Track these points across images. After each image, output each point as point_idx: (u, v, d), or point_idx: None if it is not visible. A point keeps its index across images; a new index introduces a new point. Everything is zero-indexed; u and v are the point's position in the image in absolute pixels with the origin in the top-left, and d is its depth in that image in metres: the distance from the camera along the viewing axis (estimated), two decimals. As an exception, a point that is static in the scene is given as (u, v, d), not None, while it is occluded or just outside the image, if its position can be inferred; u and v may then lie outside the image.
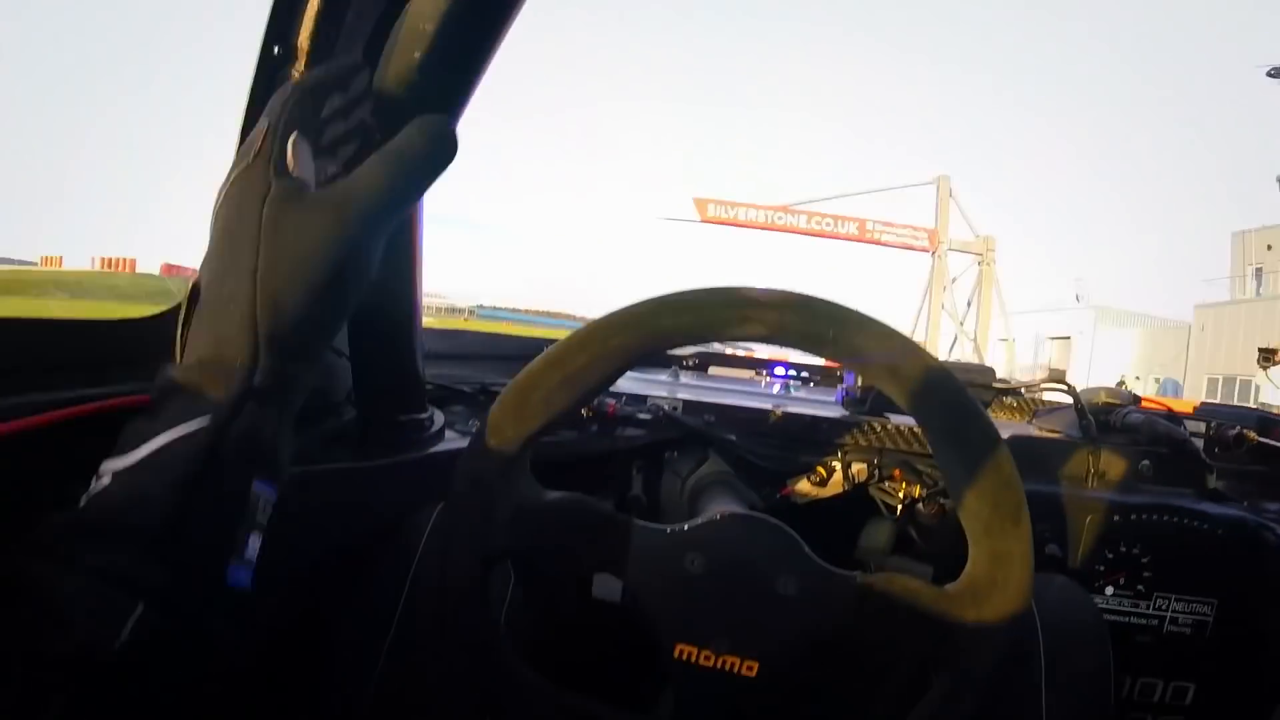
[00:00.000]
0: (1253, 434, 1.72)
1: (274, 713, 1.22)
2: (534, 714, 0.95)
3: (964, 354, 25.97)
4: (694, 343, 0.92)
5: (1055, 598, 1.25)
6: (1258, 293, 27.66)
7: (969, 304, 27.00)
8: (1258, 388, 23.32)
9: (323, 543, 1.25)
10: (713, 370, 2.23)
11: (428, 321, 1.46)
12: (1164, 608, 1.49)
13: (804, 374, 2.14)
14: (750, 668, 0.90)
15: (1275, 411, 1.89)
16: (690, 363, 2.21)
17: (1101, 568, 1.48)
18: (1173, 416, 1.70)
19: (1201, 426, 1.77)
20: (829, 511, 1.56)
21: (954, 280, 27.03)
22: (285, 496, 1.13)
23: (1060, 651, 1.16)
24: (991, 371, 1.79)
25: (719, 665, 0.90)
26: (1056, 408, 1.85)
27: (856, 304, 0.88)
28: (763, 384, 2.13)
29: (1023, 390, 1.86)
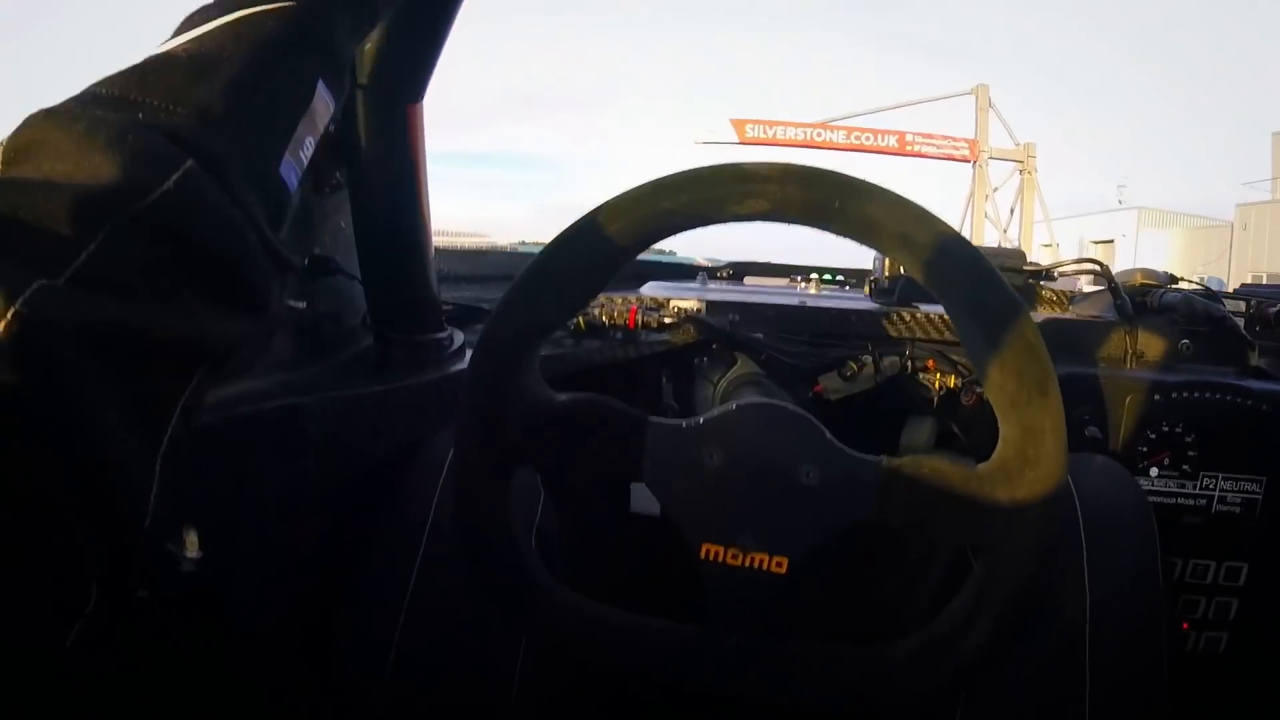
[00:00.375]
0: (1295, 312, 1.67)
1: (305, 639, 1.23)
2: (562, 625, 0.95)
3: (1009, 262, 25.96)
4: (696, 223, 0.88)
5: (1094, 478, 1.23)
6: None
7: (1011, 211, 26.54)
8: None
9: (347, 467, 1.25)
10: (748, 280, 2.21)
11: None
12: (1211, 487, 1.47)
13: (839, 278, 2.12)
14: (780, 564, 0.88)
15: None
16: (724, 274, 2.20)
17: (1144, 449, 1.46)
18: (1211, 295, 1.66)
19: (1241, 305, 1.73)
20: (865, 409, 1.54)
21: (995, 190, 26.46)
22: (307, 424, 1.14)
23: (1102, 531, 1.13)
24: (1022, 254, 1.76)
25: (747, 564, 0.88)
26: (1092, 294, 1.82)
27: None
28: (797, 289, 2.10)
29: (1055, 273, 1.82)
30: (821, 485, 0.88)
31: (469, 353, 1.45)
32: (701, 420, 0.91)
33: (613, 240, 0.88)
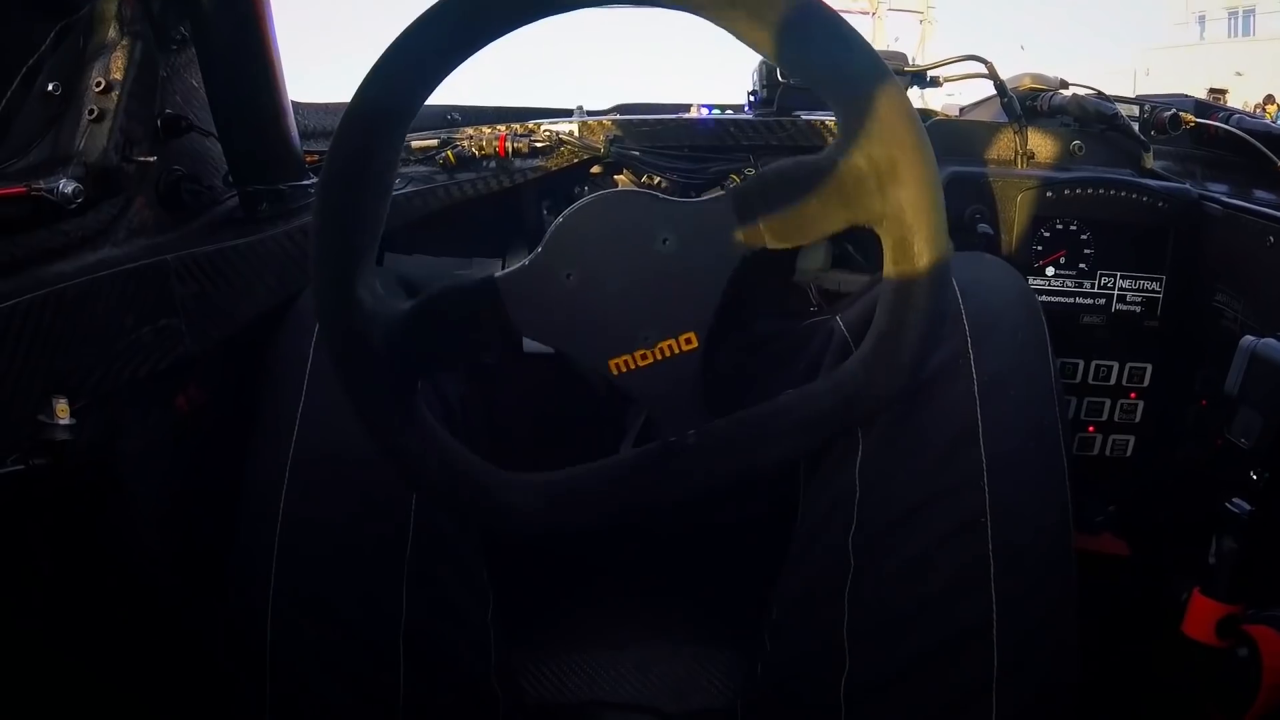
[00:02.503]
0: (1189, 116, 1.66)
1: (196, 506, 1.24)
2: (534, 507, 0.94)
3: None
4: (529, 15, 0.84)
5: (976, 272, 1.21)
6: (1201, 38, 27.44)
7: (913, 60, 26.38)
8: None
9: (220, 329, 1.24)
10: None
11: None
12: (1110, 286, 1.46)
13: (729, 111, 2.09)
14: (689, 341, 0.88)
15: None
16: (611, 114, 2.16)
17: (1039, 248, 1.45)
18: (1103, 96, 1.64)
19: (1136, 110, 1.72)
20: None
21: (896, 40, 26.39)
22: (170, 282, 1.15)
23: (985, 318, 1.13)
24: (903, 56, 1.73)
25: (660, 355, 0.88)
26: (981, 102, 1.82)
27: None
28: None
29: (941, 78, 1.80)
30: (682, 247, 0.87)
31: None
32: (541, 248, 0.89)
33: (435, 56, 0.85)
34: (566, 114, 1.88)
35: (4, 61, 1.08)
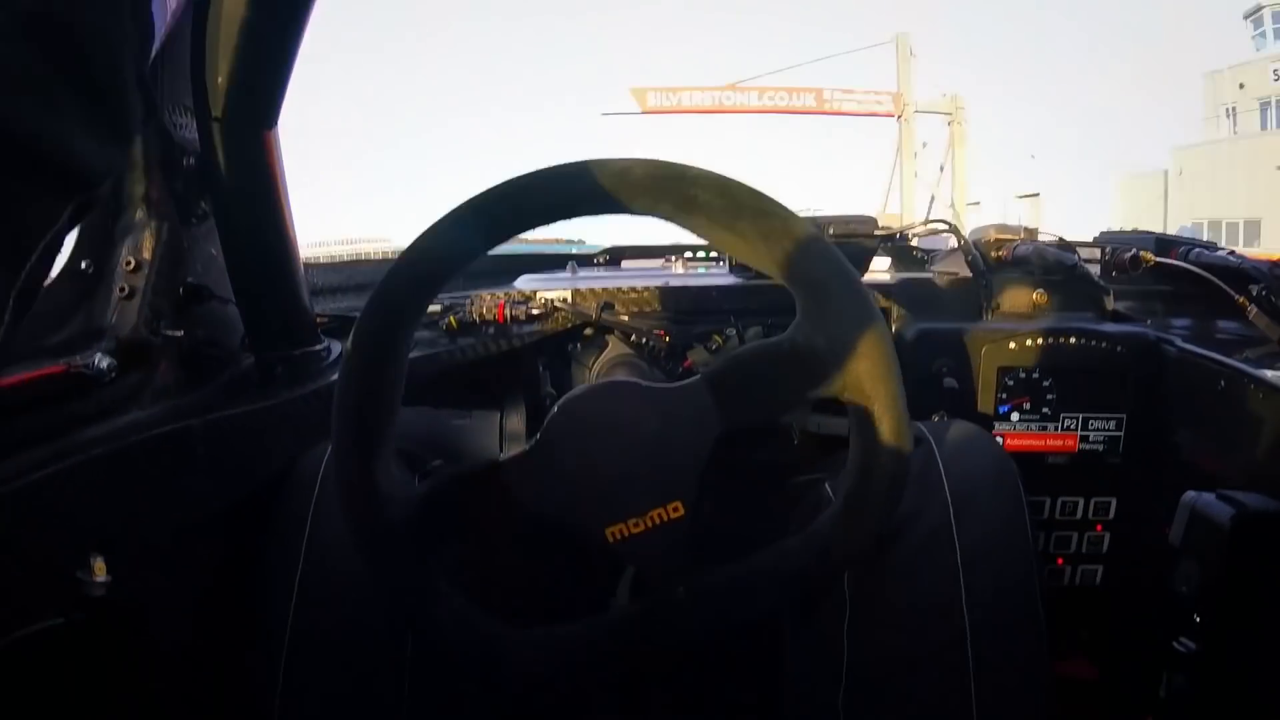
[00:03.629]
0: (1149, 255, 1.75)
1: (195, 662, 1.27)
2: (539, 665, 1.01)
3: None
4: (539, 221, 0.97)
5: (956, 441, 1.28)
6: (1233, 131, 26.78)
7: (941, 168, 25.94)
8: (1248, 226, 22.88)
9: (237, 485, 1.30)
10: (625, 264, 2.26)
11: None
12: (1073, 427, 1.53)
13: (714, 254, 2.16)
14: (676, 509, 0.97)
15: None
16: (601, 260, 2.23)
17: (1003, 395, 1.52)
18: (1064, 244, 1.72)
19: (1097, 253, 1.80)
20: None
21: (924, 145, 25.87)
22: (195, 445, 1.20)
23: (966, 488, 1.20)
24: (873, 220, 1.80)
25: (651, 523, 0.97)
26: (952, 251, 1.86)
27: (822, 191, 0.90)
28: (671, 269, 2.14)
29: (911, 236, 1.89)
30: (666, 428, 0.97)
31: None
32: (540, 435, 0.99)
33: (437, 266, 0.97)
34: (565, 252, 1.97)
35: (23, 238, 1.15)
